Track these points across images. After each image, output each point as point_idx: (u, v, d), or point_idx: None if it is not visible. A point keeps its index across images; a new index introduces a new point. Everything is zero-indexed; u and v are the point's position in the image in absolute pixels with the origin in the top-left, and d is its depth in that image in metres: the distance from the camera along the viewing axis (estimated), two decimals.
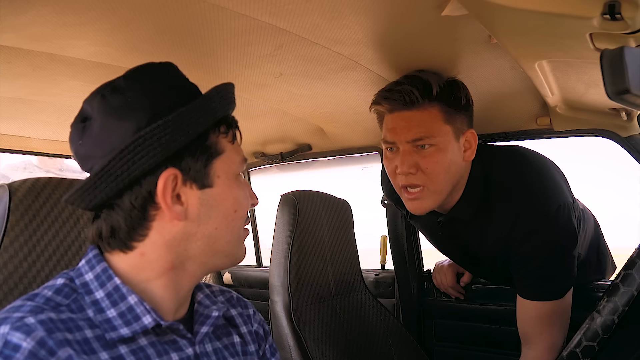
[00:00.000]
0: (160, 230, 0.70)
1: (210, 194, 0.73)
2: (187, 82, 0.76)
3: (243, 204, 0.76)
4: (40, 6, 0.88)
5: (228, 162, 0.75)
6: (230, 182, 0.75)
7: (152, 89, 0.71)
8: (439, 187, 1.21)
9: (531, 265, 1.23)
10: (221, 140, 0.74)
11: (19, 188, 0.87)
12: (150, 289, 0.71)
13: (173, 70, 0.76)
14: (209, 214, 0.73)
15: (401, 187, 1.24)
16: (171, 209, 0.69)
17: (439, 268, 1.78)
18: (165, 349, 0.70)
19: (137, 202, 0.69)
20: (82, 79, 1.24)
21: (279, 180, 2.43)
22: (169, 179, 0.69)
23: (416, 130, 1.18)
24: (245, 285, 2.44)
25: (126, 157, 0.66)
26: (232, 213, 0.75)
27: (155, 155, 0.67)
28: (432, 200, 1.23)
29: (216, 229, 0.73)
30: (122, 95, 0.69)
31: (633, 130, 1.31)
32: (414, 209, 1.25)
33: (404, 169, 1.19)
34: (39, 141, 1.98)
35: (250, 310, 0.90)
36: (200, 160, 0.71)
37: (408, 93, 1.17)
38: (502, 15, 0.72)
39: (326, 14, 0.95)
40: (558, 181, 1.26)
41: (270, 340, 0.92)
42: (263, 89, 1.39)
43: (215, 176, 0.73)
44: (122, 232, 0.70)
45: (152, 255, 0.71)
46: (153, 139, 0.66)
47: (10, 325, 0.59)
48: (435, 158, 1.19)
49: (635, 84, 0.55)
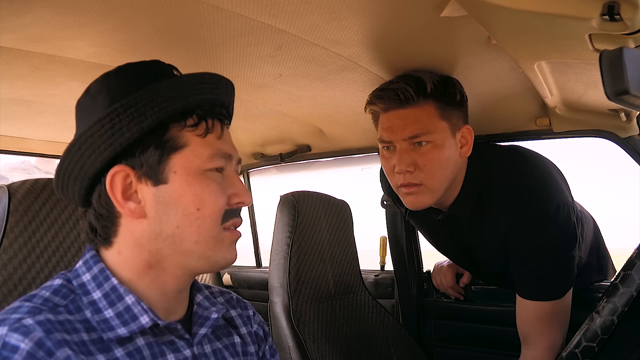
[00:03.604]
0: (128, 227, 0.70)
1: (165, 190, 0.69)
2: (157, 69, 0.72)
3: (209, 202, 0.70)
4: (39, 7, 0.88)
5: (190, 157, 0.70)
6: (190, 178, 0.69)
7: (113, 85, 0.69)
8: (437, 184, 1.21)
9: (530, 265, 1.23)
10: (185, 134, 0.70)
11: (18, 189, 0.87)
12: (137, 289, 0.71)
13: (149, 65, 0.73)
14: (167, 211, 0.69)
15: (399, 186, 1.24)
16: (123, 206, 0.68)
17: (439, 269, 1.78)
18: (162, 350, 0.70)
19: (102, 199, 0.70)
20: (82, 80, 1.24)
21: (278, 181, 2.43)
22: (117, 176, 0.68)
23: (412, 127, 1.18)
24: (245, 286, 2.44)
25: (76, 155, 0.67)
26: (195, 211, 0.69)
27: (102, 152, 0.66)
28: (430, 196, 1.23)
29: (178, 227, 0.69)
30: (87, 93, 0.71)
31: (632, 131, 1.31)
32: (411, 204, 1.24)
33: (402, 167, 1.19)
34: (39, 142, 1.98)
35: (250, 312, 0.90)
36: (153, 155, 0.68)
37: (402, 91, 1.17)
38: (502, 16, 0.72)
39: (325, 15, 0.95)
40: (557, 181, 1.26)
41: (270, 341, 0.91)
42: (262, 90, 1.39)
43: (171, 172, 0.69)
44: (98, 228, 0.71)
45: (127, 253, 0.71)
46: (94, 137, 0.66)
47: (9, 327, 0.59)
48: (433, 155, 1.19)
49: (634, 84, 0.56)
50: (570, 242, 1.24)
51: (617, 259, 1.49)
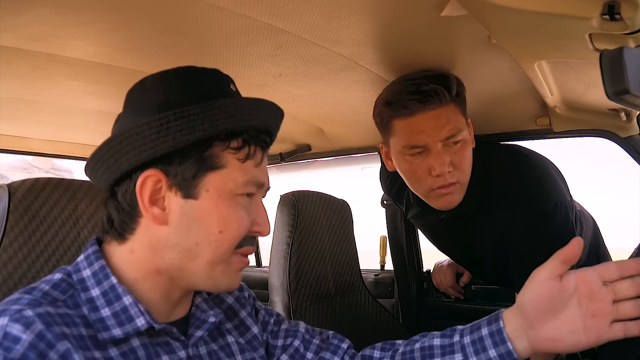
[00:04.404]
0: (147, 228, 0.70)
1: (193, 205, 0.69)
2: (217, 85, 0.72)
3: (233, 228, 0.70)
4: (39, 6, 0.88)
5: (225, 179, 0.69)
6: (221, 200, 0.69)
7: (171, 88, 0.69)
8: (467, 179, 1.23)
9: (529, 264, 1.23)
10: (226, 155, 0.70)
11: (18, 188, 0.87)
12: (138, 290, 0.71)
13: (209, 75, 0.73)
14: (190, 226, 0.69)
15: (436, 188, 1.21)
16: (148, 209, 0.68)
17: (439, 268, 1.78)
18: (156, 352, 0.70)
19: (127, 195, 0.69)
20: (82, 79, 1.24)
21: (278, 180, 2.43)
22: (149, 179, 0.68)
23: (447, 127, 1.17)
24: None
25: (116, 147, 0.66)
26: (216, 233, 0.69)
27: (141, 153, 0.66)
28: (461, 193, 1.23)
29: (196, 244, 0.69)
30: (143, 92, 0.70)
31: (632, 130, 1.31)
32: (448, 204, 1.24)
33: (444, 168, 1.17)
34: (38, 141, 1.98)
35: (246, 293, 0.90)
36: (191, 168, 0.68)
37: (437, 92, 1.15)
38: (502, 16, 0.72)
39: (325, 14, 0.95)
40: (556, 180, 1.27)
41: (260, 306, 0.92)
42: (262, 90, 1.39)
43: (203, 189, 0.69)
44: (116, 221, 0.71)
45: (139, 253, 0.71)
46: (139, 136, 0.66)
47: (9, 317, 0.59)
48: (465, 152, 1.20)
49: (634, 84, 0.56)
50: (569, 240, 1.23)
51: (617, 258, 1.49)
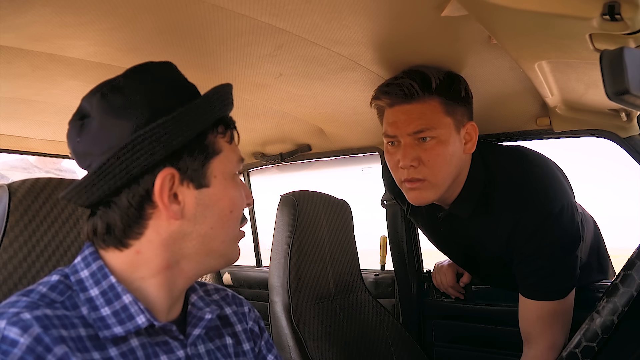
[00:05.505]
0: (156, 228, 0.70)
1: (207, 193, 0.73)
2: (186, 81, 0.77)
3: (238, 204, 0.77)
4: (40, 6, 0.88)
5: (225, 162, 0.75)
6: (227, 182, 0.75)
7: (151, 88, 0.71)
8: (440, 179, 1.21)
9: (534, 264, 1.23)
10: (219, 140, 0.75)
11: (18, 188, 0.87)
12: (144, 287, 0.71)
13: (172, 69, 0.76)
14: (205, 213, 0.73)
15: (403, 181, 1.24)
16: (168, 208, 0.69)
17: (439, 268, 1.78)
18: (155, 352, 0.70)
19: (135, 200, 0.69)
20: (82, 79, 1.24)
21: (278, 180, 2.43)
22: (167, 178, 0.69)
23: (417, 122, 1.18)
24: (245, 285, 2.44)
25: (125, 156, 0.66)
26: (228, 213, 0.75)
27: (155, 154, 0.67)
28: (433, 192, 1.23)
29: (212, 228, 0.73)
30: (122, 94, 0.70)
31: (633, 130, 1.31)
32: (414, 200, 1.25)
33: (406, 162, 1.19)
34: (39, 141, 1.98)
35: (245, 308, 0.90)
36: (198, 159, 0.72)
37: (407, 86, 1.18)
38: (502, 16, 0.72)
39: (326, 15, 0.95)
40: (561, 181, 1.27)
41: (266, 336, 0.92)
42: (263, 90, 1.39)
43: (212, 176, 0.73)
44: (118, 229, 0.70)
45: (148, 253, 0.71)
46: (152, 138, 0.66)
47: (7, 321, 0.59)
48: (437, 150, 1.19)
49: (634, 84, 0.56)
50: (574, 242, 1.24)
51: (617, 258, 1.49)
